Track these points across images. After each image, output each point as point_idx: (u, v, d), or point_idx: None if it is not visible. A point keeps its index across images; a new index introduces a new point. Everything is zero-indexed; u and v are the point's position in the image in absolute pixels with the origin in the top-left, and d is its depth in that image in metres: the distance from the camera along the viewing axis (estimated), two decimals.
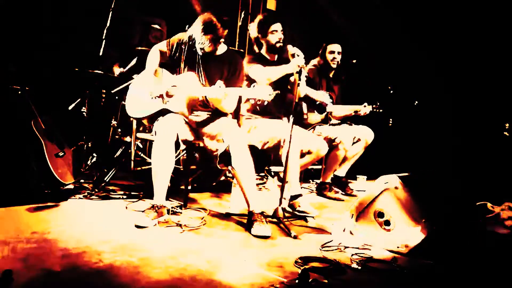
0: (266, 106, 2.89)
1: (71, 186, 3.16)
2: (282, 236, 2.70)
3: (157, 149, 2.74)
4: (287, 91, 3.55)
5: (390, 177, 2.57)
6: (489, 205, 3.34)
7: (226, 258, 2.21)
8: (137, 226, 2.57)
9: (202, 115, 3.08)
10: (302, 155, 3.50)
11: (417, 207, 2.45)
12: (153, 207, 2.70)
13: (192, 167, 3.48)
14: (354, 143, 4.13)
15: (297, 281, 1.89)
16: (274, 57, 3.56)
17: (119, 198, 3.18)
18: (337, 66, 4.22)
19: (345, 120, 4.39)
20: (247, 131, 3.46)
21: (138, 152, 3.64)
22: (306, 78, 4.05)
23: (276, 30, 3.41)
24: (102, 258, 2.04)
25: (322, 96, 3.92)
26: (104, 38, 3.68)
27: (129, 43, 4.29)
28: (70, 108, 3.73)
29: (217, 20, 2.81)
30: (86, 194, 3.14)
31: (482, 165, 4.64)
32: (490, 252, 2.65)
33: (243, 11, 5.27)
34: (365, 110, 4.21)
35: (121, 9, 3.73)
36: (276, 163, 4.12)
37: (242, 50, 5.14)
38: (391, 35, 5.50)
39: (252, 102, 2.68)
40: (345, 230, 2.68)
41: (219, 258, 2.19)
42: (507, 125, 4.90)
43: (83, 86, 3.72)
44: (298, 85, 3.04)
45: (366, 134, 4.16)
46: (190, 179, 3.42)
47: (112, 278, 1.85)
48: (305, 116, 3.99)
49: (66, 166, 3.08)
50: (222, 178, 3.93)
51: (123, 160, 3.66)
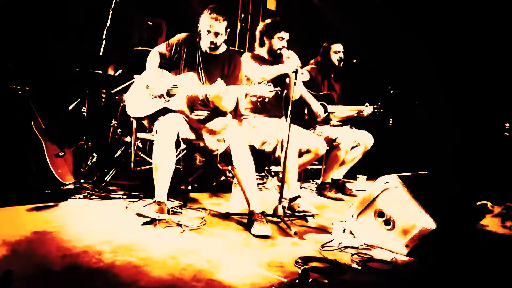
0: (265, 104, 2.89)
1: (71, 186, 3.15)
2: (282, 236, 2.71)
3: (158, 147, 2.75)
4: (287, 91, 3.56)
5: (390, 177, 2.57)
6: (489, 205, 3.34)
7: (226, 258, 2.21)
8: (138, 215, 2.62)
9: (202, 114, 3.08)
10: (301, 154, 3.51)
11: (417, 207, 2.44)
12: (155, 202, 2.71)
13: (192, 167, 3.48)
14: (353, 147, 4.13)
15: (297, 281, 1.89)
16: (271, 59, 3.57)
17: (119, 198, 3.18)
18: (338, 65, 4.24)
19: (347, 122, 4.39)
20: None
21: (138, 152, 3.64)
22: (308, 77, 4.06)
23: (283, 38, 3.44)
24: (103, 258, 2.04)
25: (317, 106, 3.90)
26: (104, 38, 3.68)
27: (129, 43, 4.29)
28: (70, 108, 3.73)
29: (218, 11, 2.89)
30: (86, 194, 3.14)
31: (482, 165, 4.64)
32: (482, 252, 2.67)
33: (243, 12, 5.27)
34: (367, 110, 4.21)
35: (121, 9, 3.72)
36: (276, 163, 4.12)
37: (242, 50, 5.15)
38: (391, 35, 5.50)
39: (253, 99, 2.71)
40: (345, 230, 2.69)
41: (219, 258, 2.19)
42: (507, 125, 4.90)
43: (83, 86, 3.72)
44: (295, 84, 3.05)
45: (366, 140, 4.14)
46: (190, 179, 3.43)
47: (112, 278, 1.85)
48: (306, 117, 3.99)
49: (66, 166, 3.08)
50: (222, 178, 3.93)
51: (123, 160, 3.66)
